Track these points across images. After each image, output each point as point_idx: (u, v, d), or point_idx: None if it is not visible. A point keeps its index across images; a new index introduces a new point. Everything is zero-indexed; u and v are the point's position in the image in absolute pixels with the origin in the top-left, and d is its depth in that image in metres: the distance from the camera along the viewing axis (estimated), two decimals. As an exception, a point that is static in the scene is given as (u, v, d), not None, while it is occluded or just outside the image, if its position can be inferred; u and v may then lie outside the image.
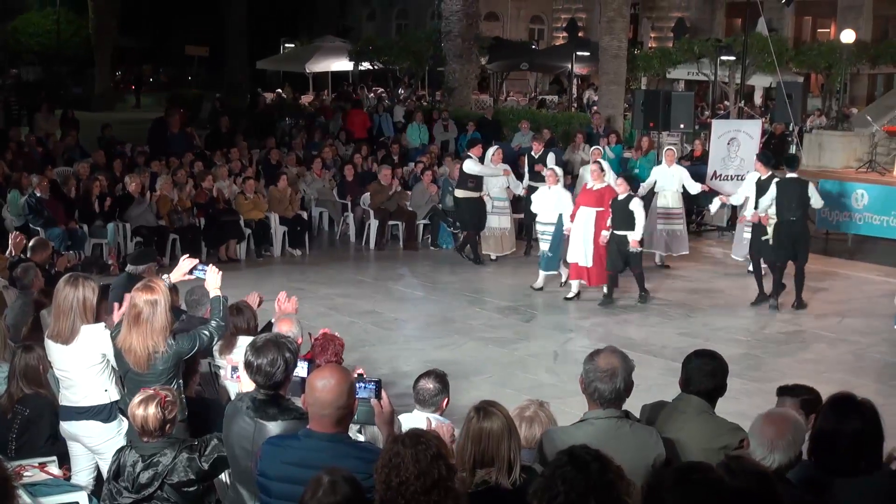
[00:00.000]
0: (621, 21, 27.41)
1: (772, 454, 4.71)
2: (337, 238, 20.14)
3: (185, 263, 7.31)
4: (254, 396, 5.49)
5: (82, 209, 16.81)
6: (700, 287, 16.53)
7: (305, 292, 15.00)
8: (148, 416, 5.67)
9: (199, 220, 17.58)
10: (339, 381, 4.88)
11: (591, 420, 5.26)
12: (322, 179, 20.57)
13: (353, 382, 4.99)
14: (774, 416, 4.90)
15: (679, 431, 5.52)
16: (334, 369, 5.04)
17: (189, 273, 7.28)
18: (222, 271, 7.39)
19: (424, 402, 6.23)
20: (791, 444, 4.75)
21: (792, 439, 4.76)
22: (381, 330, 13.65)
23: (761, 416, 4.90)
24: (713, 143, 20.82)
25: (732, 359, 5.98)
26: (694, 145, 23.08)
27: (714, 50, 30.02)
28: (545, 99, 40.89)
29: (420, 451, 4.29)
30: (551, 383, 11.28)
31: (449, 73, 31.95)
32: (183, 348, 6.74)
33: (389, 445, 4.41)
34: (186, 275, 7.29)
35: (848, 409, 4.80)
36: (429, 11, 46.66)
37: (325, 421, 4.87)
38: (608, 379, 5.21)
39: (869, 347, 13.28)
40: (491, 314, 14.60)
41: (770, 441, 4.74)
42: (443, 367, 6.97)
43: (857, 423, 4.74)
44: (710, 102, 34.17)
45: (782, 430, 4.77)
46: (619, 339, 12.87)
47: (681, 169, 17.85)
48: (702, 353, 5.83)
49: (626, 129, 26.44)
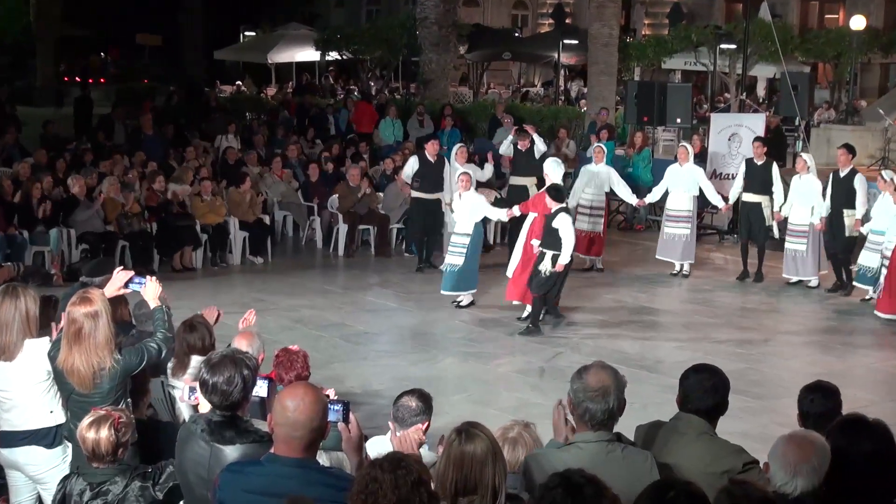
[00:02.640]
0: (612, 6, 27.50)
1: (794, 479, 4.68)
2: (302, 244, 20.10)
3: (119, 276, 7.23)
4: (209, 418, 5.44)
5: (22, 214, 16.71)
6: (698, 296, 16.58)
7: (268, 304, 14.97)
8: (100, 438, 5.63)
9: (150, 225, 17.48)
10: (314, 401, 4.84)
11: (579, 444, 5.24)
12: (283, 180, 20.50)
13: (326, 402, 4.96)
14: (798, 438, 4.85)
15: (677, 455, 5.51)
16: (307, 387, 5.00)
17: (125, 286, 7.21)
18: (176, 281, 7.35)
19: (402, 422, 6.21)
20: (815, 469, 4.71)
21: (817, 464, 4.72)
22: (350, 345, 13.61)
23: (783, 438, 4.86)
24: (712, 140, 20.90)
25: (734, 374, 5.98)
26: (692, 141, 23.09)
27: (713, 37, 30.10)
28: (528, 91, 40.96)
29: (400, 477, 4.26)
30: (538, 402, 11.23)
31: (424, 64, 31.90)
32: (131, 363, 6.70)
33: (366, 470, 4.37)
34: (122, 288, 7.22)
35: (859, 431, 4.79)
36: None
37: (295, 444, 4.82)
38: (600, 398, 5.19)
39: (883, 361, 13.34)
40: (471, 327, 14.59)
41: (793, 465, 4.70)
42: (419, 384, 6.95)
43: (867, 445, 4.73)
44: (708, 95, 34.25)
45: (806, 453, 4.73)
46: (611, 353, 12.88)
47: (696, 169, 17.84)
48: (701, 368, 5.82)
49: (619, 123, 26.49)
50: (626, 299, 16.16)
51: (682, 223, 17.62)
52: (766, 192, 17.19)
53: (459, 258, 15.27)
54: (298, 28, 42.00)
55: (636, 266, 18.34)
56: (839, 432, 4.87)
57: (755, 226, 17.30)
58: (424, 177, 17.83)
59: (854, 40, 29.35)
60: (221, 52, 43.44)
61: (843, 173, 16.41)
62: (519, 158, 18.34)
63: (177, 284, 14.69)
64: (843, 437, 4.81)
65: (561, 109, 30.16)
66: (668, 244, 17.72)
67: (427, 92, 31.11)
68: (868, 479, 4.70)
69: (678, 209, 17.68)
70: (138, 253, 16.81)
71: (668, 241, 17.70)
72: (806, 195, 16.58)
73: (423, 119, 26.72)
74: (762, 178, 17.16)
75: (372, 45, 35.38)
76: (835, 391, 6.23)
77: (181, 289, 14.47)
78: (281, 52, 40.15)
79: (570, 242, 13.74)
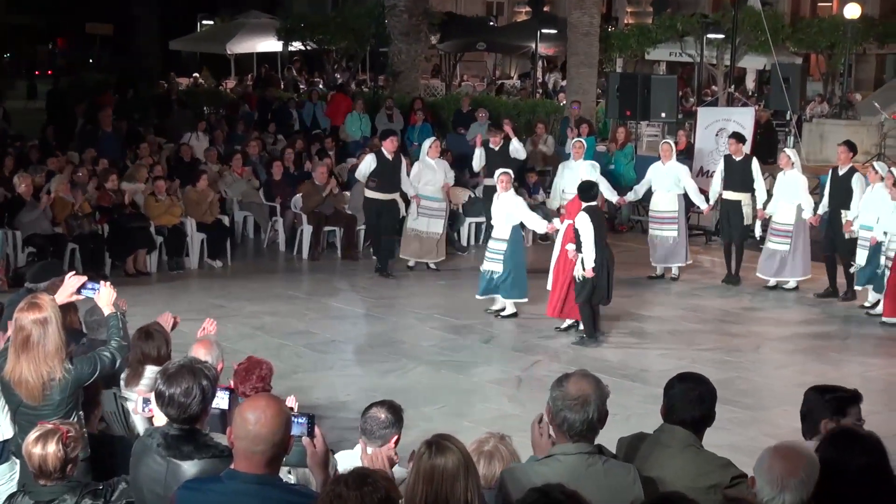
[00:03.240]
0: (593, -7, 27.55)
1: (781, 494, 4.70)
2: (264, 246, 20.07)
3: (71, 281, 7.22)
4: (166, 432, 5.44)
5: (-37, 215, 16.65)
6: (685, 301, 16.65)
7: (227, 310, 14.95)
8: (47, 454, 5.62)
9: (101, 226, 17.43)
10: (276, 413, 4.84)
11: (558, 456, 5.26)
12: (244, 179, 20.47)
13: (289, 415, 4.96)
14: (785, 450, 4.85)
15: (661, 468, 5.53)
16: (269, 399, 5.00)
17: (77, 292, 7.19)
18: (130, 286, 7.34)
19: (370, 434, 6.23)
20: (803, 483, 4.72)
21: (805, 477, 4.73)
22: (315, 353, 13.60)
23: (770, 450, 4.87)
24: (699, 135, 21.00)
25: (721, 383, 6.02)
26: (677, 137, 23.20)
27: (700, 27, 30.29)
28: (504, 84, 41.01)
29: (366, 495, 4.28)
30: (515, 414, 11.27)
31: (394, 55, 31.86)
32: (83, 373, 6.69)
33: (331, 486, 4.39)
34: (74, 294, 7.21)
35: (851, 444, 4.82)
36: (371, -17, 46.68)
37: (257, 459, 4.82)
38: (579, 407, 5.21)
39: (880, 370, 13.43)
40: (444, 334, 14.61)
41: (780, 479, 4.71)
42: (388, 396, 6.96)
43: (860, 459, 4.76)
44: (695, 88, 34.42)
45: (794, 466, 4.75)
46: (593, 361, 12.91)
47: (680, 167, 17.92)
48: (687, 377, 5.85)
49: (600, 118, 26.56)
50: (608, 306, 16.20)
51: (667, 225, 17.69)
52: (746, 190, 17.33)
53: (498, 264, 15.08)
54: (259, 16, 41.87)
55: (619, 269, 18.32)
56: (830, 444, 4.90)
57: (734, 225, 17.42)
58: (382, 176, 17.68)
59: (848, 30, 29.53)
60: (177, 42, 43.25)
61: (843, 171, 16.51)
62: (493, 158, 18.36)
63: (130, 290, 14.61)
64: (834, 449, 4.84)
65: (539, 103, 30.15)
66: (655, 248, 17.83)
67: (396, 84, 31.07)
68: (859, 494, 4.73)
69: (662, 210, 17.77)
70: (89, 256, 16.73)
71: (654, 244, 17.80)
72: (790, 192, 16.73)
73: (391, 113, 26.65)
74: (741, 175, 17.29)
75: (338, 35, 35.30)
76: None
77: (135, 294, 14.39)
78: (241, 42, 40.02)
79: (589, 243, 13.59)
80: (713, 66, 31.85)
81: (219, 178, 20.12)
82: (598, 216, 13.84)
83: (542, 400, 5.59)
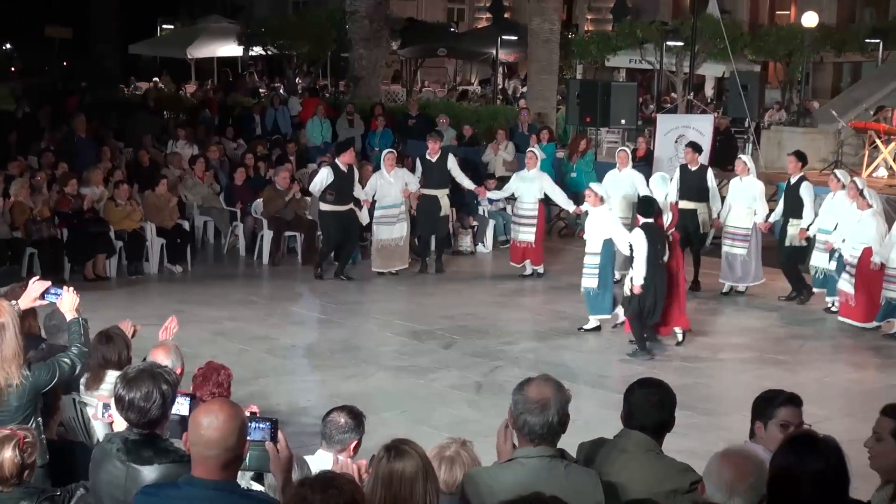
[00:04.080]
0: (554, 0, 27.61)
1: (731, 500, 4.71)
2: (224, 252, 20.03)
3: (35, 286, 7.18)
4: (125, 437, 5.41)
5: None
6: (645, 306, 16.68)
7: (188, 315, 14.84)
8: (3, 460, 5.57)
9: (61, 231, 17.34)
10: (229, 418, 4.81)
11: (520, 460, 5.26)
12: (205, 183, 20.40)
13: (244, 420, 4.94)
14: (734, 456, 4.88)
15: (621, 473, 5.55)
16: (223, 404, 4.98)
17: (41, 297, 7.15)
18: (89, 291, 7.30)
19: (330, 439, 6.21)
20: (753, 487, 4.74)
21: (755, 482, 4.75)
22: (276, 359, 13.58)
23: (718, 455, 4.89)
24: (659, 141, 21.09)
25: (681, 389, 6.04)
26: (637, 143, 23.25)
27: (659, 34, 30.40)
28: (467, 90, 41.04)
29: (331, 497, 4.28)
30: (475, 419, 11.28)
31: (355, 60, 31.84)
32: (40, 379, 6.65)
33: (296, 490, 4.39)
34: (38, 299, 7.17)
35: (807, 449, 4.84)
36: (331, -12, 46.64)
37: (210, 464, 4.79)
38: (539, 411, 5.21)
39: (837, 375, 13.51)
40: (405, 339, 14.60)
41: (729, 484, 4.73)
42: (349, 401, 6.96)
43: (817, 464, 4.78)
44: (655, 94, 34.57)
45: (743, 470, 4.77)
46: (553, 367, 12.89)
47: (635, 174, 17.94)
48: (646, 382, 5.88)
49: (560, 124, 26.61)
50: (568, 310, 16.23)
51: None
52: (701, 200, 17.44)
53: (593, 280, 14.92)
54: (220, 21, 41.76)
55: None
56: (787, 449, 4.91)
57: (691, 233, 17.42)
58: (339, 188, 17.59)
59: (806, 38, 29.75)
60: (137, 46, 43.02)
61: (793, 181, 16.75)
62: (429, 168, 18.41)
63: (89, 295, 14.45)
64: (791, 454, 4.86)
65: (499, 109, 30.13)
66: None
67: (357, 90, 31.06)
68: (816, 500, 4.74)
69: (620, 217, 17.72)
70: (48, 261, 16.65)
71: None
72: (746, 198, 16.88)
73: (352, 119, 26.65)
74: (697, 184, 17.41)
75: (299, 40, 35.22)
76: None
77: (94, 299, 14.26)
78: (201, 46, 39.87)
79: (641, 260, 13.48)
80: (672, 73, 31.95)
81: (179, 182, 20.03)
82: (654, 233, 13.66)
83: (503, 405, 5.60)
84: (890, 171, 21.57)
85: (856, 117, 24.68)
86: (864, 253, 15.11)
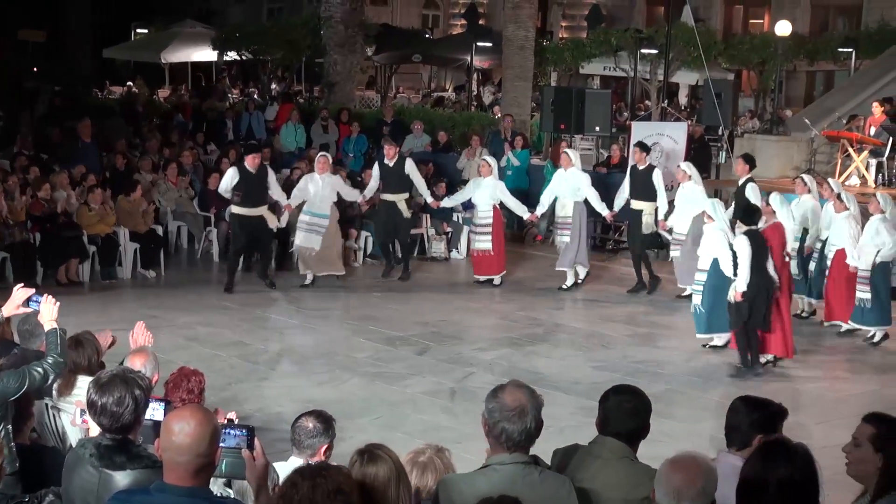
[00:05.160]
0: (528, 7, 27.62)
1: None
2: (198, 257, 19.97)
3: (18, 294, 7.14)
4: (98, 442, 5.38)
5: None
6: (618, 313, 16.71)
7: (161, 320, 14.82)
8: (-29, 467, 5.55)
9: (34, 235, 17.25)
10: (200, 424, 4.79)
11: (494, 466, 5.26)
12: (178, 188, 20.34)
13: (217, 426, 4.91)
14: (682, 462, 4.90)
15: (595, 480, 5.55)
16: (195, 410, 4.96)
17: (24, 305, 7.12)
18: (62, 296, 7.24)
19: (300, 444, 6.20)
20: (701, 493, 4.76)
21: (702, 488, 4.77)
22: (249, 364, 13.54)
23: (667, 462, 4.92)
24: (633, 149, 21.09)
25: (656, 396, 6.04)
26: (611, 150, 23.33)
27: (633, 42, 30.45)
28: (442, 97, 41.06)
29: (318, 485, 4.37)
30: (449, 425, 11.29)
31: (329, 66, 31.85)
32: (9, 388, 6.59)
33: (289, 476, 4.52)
34: (21, 307, 7.13)
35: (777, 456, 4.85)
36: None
37: (181, 471, 4.76)
38: (517, 418, 5.22)
39: (808, 383, 13.55)
40: (378, 345, 14.58)
41: (676, 490, 4.76)
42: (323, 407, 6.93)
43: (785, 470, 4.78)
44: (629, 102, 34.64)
45: (691, 477, 4.79)
46: (526, 373, 12.92)
47: (579, 174, 17.96)
48: (621, 389, 5.87)
49: (534, 131, 26.64)
50: (541, 316, 16.26)
51: (565, 230, 17.86)
52: (648, 199, 17.68)
53: (699, 296, 14.73)
54: (195, 26, 41.68)
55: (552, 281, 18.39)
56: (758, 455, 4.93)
57: (634, 233, 17.79)
58: (246, 191, 17.10)
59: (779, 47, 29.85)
60: (111, 51, 42.92)
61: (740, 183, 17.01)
62: (387, 173, 18.33)
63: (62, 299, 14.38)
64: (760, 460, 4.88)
65: (474, 115, 30.21)
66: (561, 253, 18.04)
67: (332, 96, 31.05)
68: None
69: (563, 216, 17.92)
70: (20, 265, 16.57)
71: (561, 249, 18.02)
72: (690, 204, 16.92)
73: (326, 124, 26.63)
74: (644, 184, 17.63)
75: (273, 46, 35.22)
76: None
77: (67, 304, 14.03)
78: (175, 51, 39.82)
79: (745, 267, 13.34)
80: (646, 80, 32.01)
81: (152, 187, 19.97)
82: (758, 240, 13.54)
83: (476, 412, 5.59)
84: (862, 180, 21.64)
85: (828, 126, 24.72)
86: (837, 254, 15.31)
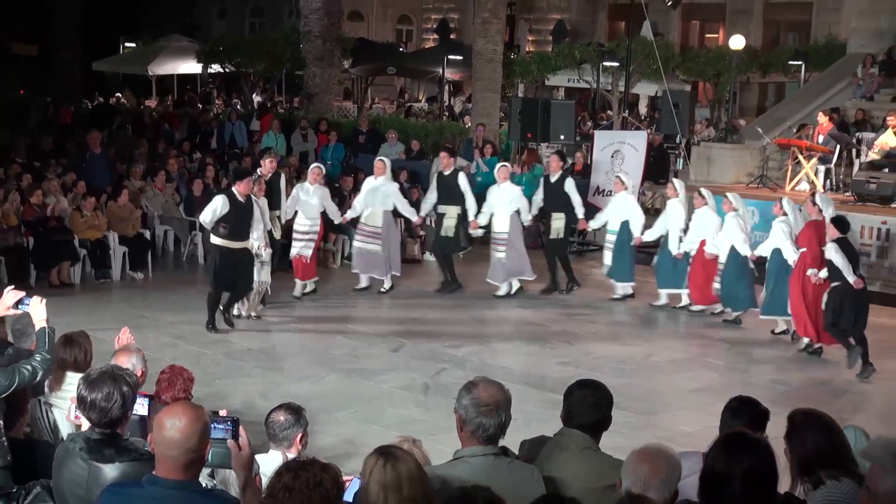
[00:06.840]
0: (497, 23, 27.69)
1: (645, 493, 4.75)
2: (184, 259, 19.91)
3: (9, 295, 7.09)
4: (88, 436, 5.37)
5: None
6: (581, 312, 16.75)
7: (148, 320, 14.81)
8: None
9: (27, 239, 17.17)
10: (191, 421, 4.80)
11: (466, 458, 5.28)
12: (165, 194, 20.28)
13: (206, 423, 4.92)
14: (648, 453, 4.95)
15: (561, 469, 5.57)
16: (186, 407, 4.96)
17: (15, 307, 7.07)
18: (54, 297, 7.22)
19: (275, 438, 6.21)
20: (666, 482, 4.81)
21: (667, 478, 4.82)
22: (233, 361, 13.52)
23: (634, 453, 4.96)
24: (596, 156, 21.18)
25: (617, 389, 6.06)
26: (575, 158, 23.39)
27: (596, 55, 30.57)
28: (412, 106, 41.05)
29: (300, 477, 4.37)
30: (422, 419, 11.29)
31: (308, 78, 31.85)
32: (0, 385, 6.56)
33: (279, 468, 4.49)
34: (11, 308, 7.09)
35: (739, 448, 4.87)
36: (286, 9, 46.45)
37: (171, 464, 4.78)
38: (493, 412, 5.25)
39: (762, 376, 13.62)
40: (356, 343, 14.58)
41: (643, 480, 4.79)
42: (303, 402, 6.94)
43: (748, 462, 4.81)
44: (591, 112, 34.71)
45: (656, 467, 4.84)
46: (496, 369, 12.96)
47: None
48: (584, 383, 5.89)
49: (502, 139, 26.67)
50: (509, 315, 16.30)
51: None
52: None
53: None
54: (180, 40, 41.52)
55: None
56: (719, 448, 4.95)
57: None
58: (233, 222, 14.62)
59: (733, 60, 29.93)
60: (100, 64, 42.77)
61: (553, 179, 17.74)
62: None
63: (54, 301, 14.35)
64: (723, 452, 4.89)
65: (445, 125, 30.27)
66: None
67: (311, 106, 31.06)
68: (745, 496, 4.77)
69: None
70: (14, 268, 16.49)
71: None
72: (504, 204, 17.28)
73: (306, 133, 26.64)
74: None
75: (255, 58, 35.14)
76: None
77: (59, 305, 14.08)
78: (162, 63, 39.67)
79: (848, 271, 13.32)
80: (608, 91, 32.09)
81: (140, 193, 19.91)
82: (848, 247, 13.59)
83: (448, 405, 5.61)
84: (812, 185, 21.77)
85: (780, 134, 24.88)
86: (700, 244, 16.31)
